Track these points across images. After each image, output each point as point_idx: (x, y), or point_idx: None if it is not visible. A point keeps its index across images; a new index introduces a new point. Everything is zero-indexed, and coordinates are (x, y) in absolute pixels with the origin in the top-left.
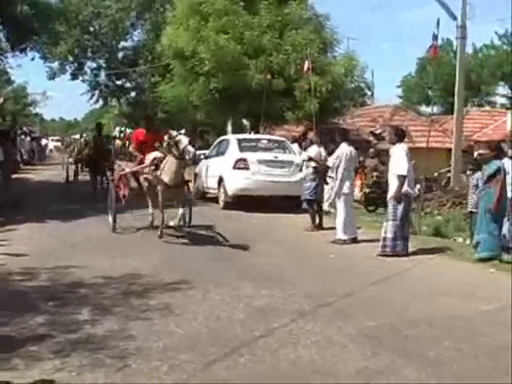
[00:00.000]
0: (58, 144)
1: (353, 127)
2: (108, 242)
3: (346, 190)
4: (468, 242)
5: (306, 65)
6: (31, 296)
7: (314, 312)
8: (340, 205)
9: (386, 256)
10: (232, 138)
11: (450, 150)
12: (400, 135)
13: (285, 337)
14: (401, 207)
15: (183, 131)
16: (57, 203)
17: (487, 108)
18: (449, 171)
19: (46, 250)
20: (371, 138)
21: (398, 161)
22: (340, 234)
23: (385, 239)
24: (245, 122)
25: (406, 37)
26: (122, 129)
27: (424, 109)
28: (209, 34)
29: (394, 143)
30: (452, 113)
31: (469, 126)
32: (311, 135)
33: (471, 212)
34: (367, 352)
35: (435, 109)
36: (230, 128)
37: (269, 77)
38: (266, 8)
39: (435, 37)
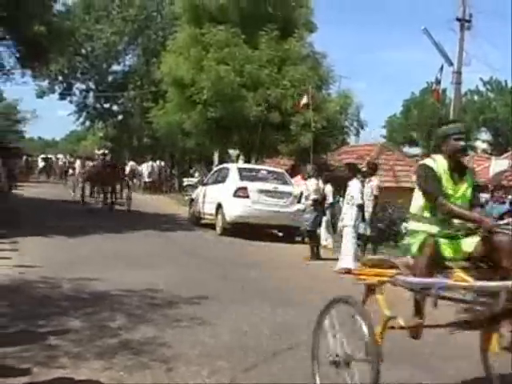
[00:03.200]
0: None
1: (340, 164)
2: (116, 257)
3: (353, 222)
4: None
5: (305, 100)
6: (60, 303)
7: None
8: (350, 235)
9: None
10: (232, 167)
11: None
12: None
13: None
14: None
15: None
16: (54, 219)
17: (470, 153)
18: None
19: (57, 262)
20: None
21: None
22: (350, 263)
23: None
24: (231, 152)
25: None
26: (106, 152)
27: (406, 149)
28: (209, 64)
29: None
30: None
31: None
32: (309, 168)
33: None
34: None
35: (417, 150)
36: (216, 158)
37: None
38: (266, 43)
39: (438, 81)
